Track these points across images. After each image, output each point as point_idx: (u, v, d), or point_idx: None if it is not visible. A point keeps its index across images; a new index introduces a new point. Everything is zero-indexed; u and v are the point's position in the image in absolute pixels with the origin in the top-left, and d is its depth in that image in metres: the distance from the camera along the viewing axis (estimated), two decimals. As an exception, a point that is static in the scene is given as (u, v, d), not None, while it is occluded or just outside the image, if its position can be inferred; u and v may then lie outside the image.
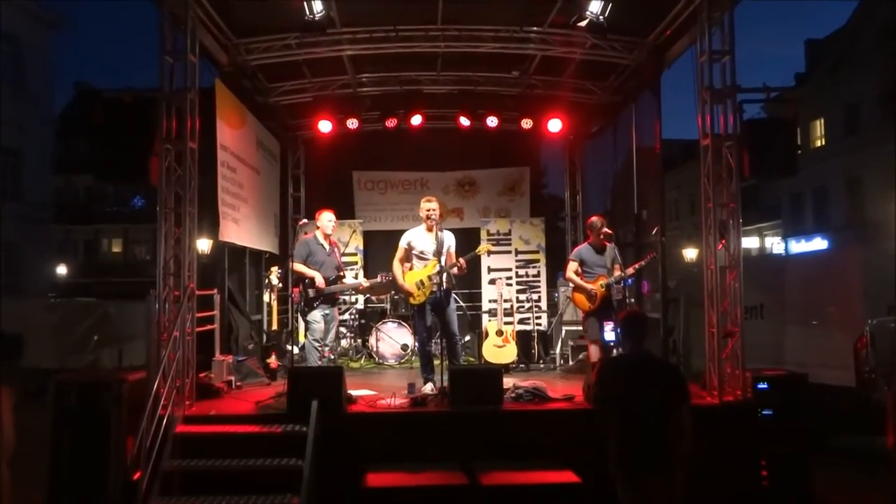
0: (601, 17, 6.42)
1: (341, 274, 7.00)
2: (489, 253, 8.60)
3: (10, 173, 19.98)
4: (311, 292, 6.69)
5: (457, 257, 6.80)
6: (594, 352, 7.18)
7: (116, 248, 35.20)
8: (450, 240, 6.78)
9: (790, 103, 6.57)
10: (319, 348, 6.73)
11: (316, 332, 6.74)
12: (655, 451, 3.76)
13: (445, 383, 6.12)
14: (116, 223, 33.93)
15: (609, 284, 7.10)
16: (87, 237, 34.40)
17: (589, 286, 7.15)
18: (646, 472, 3.78)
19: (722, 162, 6.13)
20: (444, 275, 6.47)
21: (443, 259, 6.49)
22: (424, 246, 6.69)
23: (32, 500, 5.30)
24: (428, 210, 6.65)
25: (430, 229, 6.70)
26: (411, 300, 6.81)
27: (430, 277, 6.62)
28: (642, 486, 3.79)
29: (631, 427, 3.83)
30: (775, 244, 30.73)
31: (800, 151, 5.99)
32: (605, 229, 7.30)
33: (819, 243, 24.92)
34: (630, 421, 3.83)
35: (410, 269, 6.82)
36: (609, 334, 6.86)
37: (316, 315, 6.73)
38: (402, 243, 6.84)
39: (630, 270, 7.17)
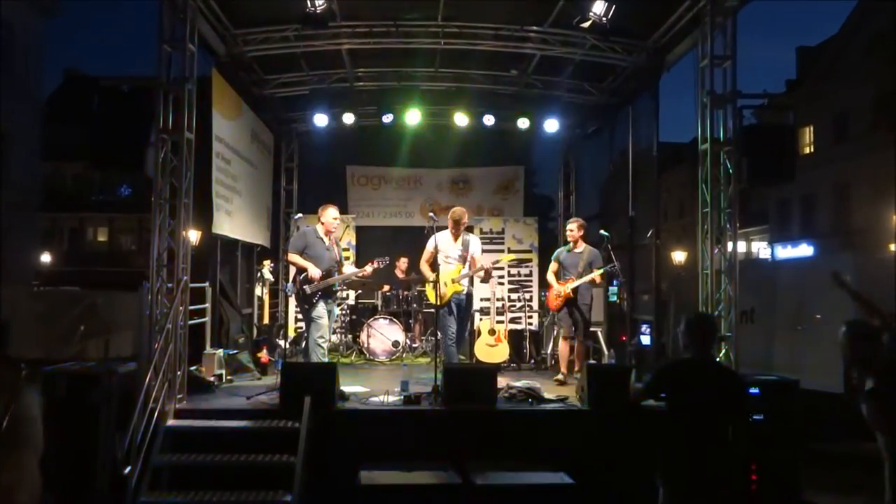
0: (604, 19, 6.40)
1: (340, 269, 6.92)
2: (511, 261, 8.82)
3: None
4: (307, 288, 6.53)
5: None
6: (564, 348, 7.41)
7: (102, 238, 34.82)
8: (475, 244, 7.02)
9: (783, 109, 6.56)
10: (324, 344, 6.55)
11: (321, 328, 6.55)
12: (705, 467, 3.53)
13: (439, 382, 6.10)
14: (102, 212, 33.56)
15: (575, 288, 7.26)
16: (73, 225, 34.02)
17: (557, 287, 7.35)
18: (692, 488, 3.56)
19: (720, 167, 6.14)
20: (468, 279, 6.77)
21: (467, 264, 6.78)
22: (450, 250, 6.93)
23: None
24: (460, 222, 6.99)
25: (456, 236, 6.99)
26: (435, 300, 6.88)
27: (454, 280, 6.84)
28: (687, 501, 3.61)
29: (683, 438, 3.59)
30: (762, 249, 30.94)
31: (793, 157, 5.97)
32: (570, 227, 7.50)
33: (805, 249, 25.12)
34: (682, 431, 3.59)
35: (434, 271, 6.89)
36: (644, 338, 6.90)
37: (320, 310, 6.56)
38: (430, 246, 7.00)
39: (587, 278, 7.25)
